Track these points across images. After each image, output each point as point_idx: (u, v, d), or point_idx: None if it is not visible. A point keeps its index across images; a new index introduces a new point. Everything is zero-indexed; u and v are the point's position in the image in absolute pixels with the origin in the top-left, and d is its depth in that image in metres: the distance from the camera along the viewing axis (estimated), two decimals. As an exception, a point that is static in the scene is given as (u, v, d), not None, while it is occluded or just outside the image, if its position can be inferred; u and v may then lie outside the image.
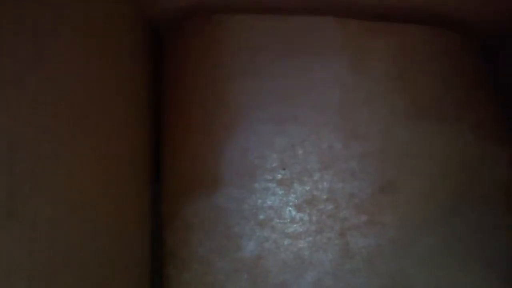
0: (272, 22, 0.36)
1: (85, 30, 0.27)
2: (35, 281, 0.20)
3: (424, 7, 0.38)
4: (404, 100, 0.36)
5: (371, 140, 0.35)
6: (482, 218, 0.35)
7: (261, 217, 0.33)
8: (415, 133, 0.36)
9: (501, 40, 0.43)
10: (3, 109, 0.20)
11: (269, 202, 0.34)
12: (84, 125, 0.26)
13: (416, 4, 0.37)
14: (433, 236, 0.34)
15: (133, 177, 0.33)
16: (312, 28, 0.36)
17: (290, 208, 0.34)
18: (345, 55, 0.36)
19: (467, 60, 0.40)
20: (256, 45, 0.36)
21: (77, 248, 0.24)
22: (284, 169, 0.34)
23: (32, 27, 0.22)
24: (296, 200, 0.34)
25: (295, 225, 0.33)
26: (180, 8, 0.37)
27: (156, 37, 0.39)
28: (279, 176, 0.34)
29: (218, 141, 0.35)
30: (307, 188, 0.34)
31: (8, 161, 0.19)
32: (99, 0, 0.29)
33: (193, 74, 0.36)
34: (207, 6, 0.37)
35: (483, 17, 0.40)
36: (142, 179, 0.34)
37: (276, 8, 0.37)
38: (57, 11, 0.24)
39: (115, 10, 0.32)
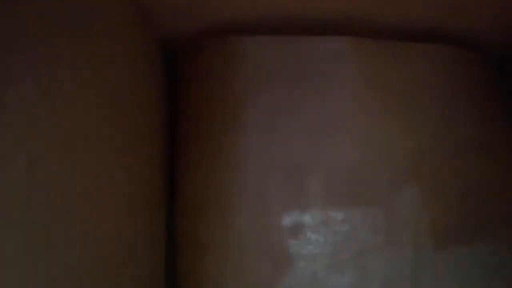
0: (287, 42, 0.37)
1: (102, 49, 0.28)
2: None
3: (438, 25, 0.38)
4: (420, 119, 0.36)
5: (388, 161, 0.35)
6: (502, 241, 0.34)
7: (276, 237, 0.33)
8: (433, 154, 0.35)
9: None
10: (23, 123, 0.20)
11: (283, 223, 0.33)
12: (100, 138, 0.26)
13: (430, 22, 0.38)
14: (452, 258, 0.33)
15: (148, 195, 0.33)
16: (326, 48, 0.37)
17: (305, 229, 0.33)
18: (361, 74, 0.36)
19: (484, 77, 0.40)
20: (269, 65, 0.36)
21: (91, 261, 0.24)
22: (299, 190, 0.34)
23: (51, 48, 0.23)
24: (311, 221, 0.33)
25: (310, 247, 0.33)
26: (195, 29, 0.37)
27: (170, 57, 0.40)
28: (293, 196, 0.34)
29: (233, 161, 0.34)
30: (323, 209, 0.33)
31: (26, 172, 0.19)
32: (114, 22, 0.30)
33: (207, 94, 0.37)
34: (222, 27, 0.37)
35: (498, 33, 0.40)
36: (156, 197, 0.34)
37: (290, 28, 0.37)
38: (76, 29, 0.25)
39: (130, 31, 0.33)
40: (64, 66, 0.24)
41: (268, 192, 0.34)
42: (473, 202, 0.35)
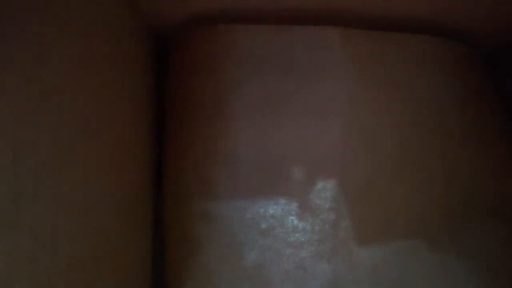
0: (275, 32, 0.37)
1: (89, 38, 0.27)
2: (37, 288, 0.20)
3: (429, 17, 0.38)
4: (409, 110, 0.36)
5: (376, 150, 0.35)
6: (487, 230, 0.35)
7: (264, 226, 0.33)
8: (421, 144, 0.36)
9: (506, 50, 0.43)
10: (8, 115, 0.20)
11: (271, 211, 0.34)
12: (87, 132, 0.26)
13: (420, 14, 0.38)
14: (437, 246, 0.34)
15: (136, 184, 0.33)
16: (316, 38, 0.37)
17: (292, 217, 0.34)
18: (350, 65, 0.36)
19: (472, 70, 0.40)
20: (259, 54, 0.36)
21: (78, 255, 0.24)
22: (286, 178, 0.34)
23: (37, 33, 0.22)
24: (298, 209, 0.34)
25: (297, 234, 0.33)
26: (184, 17, 0.37)
27: (159, 45, 0.39)
28: (282, 185, 0.34)
29: (221, 149, 0.35)
30: (310, 197, 0.34)
31: (12, 167, 0.19)
32: (103, 9, 0.29)
33: (195, 82, 0.36)
34: (211, 15, 0.37)
35: (488, 27, 0.40)
36: (144, 186, 0.34)
37: (279, 18, 0.37)
38: (62, 17, 0.24)
39: (119, 18, 0.32)
40: (50, 55, 0.23)
41: (255, 180, 0.34)
42: (459, 193, 0.35)
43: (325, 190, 0.34)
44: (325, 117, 0.35)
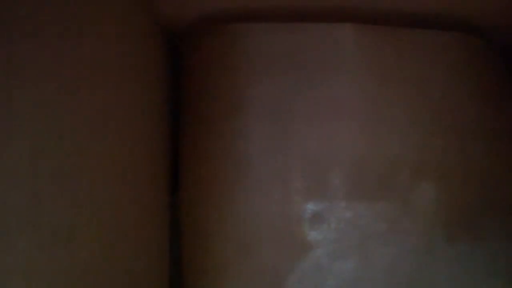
0: (288, 30, 0.36)
1: (106, 39, 0.27)
2: (55, 287, 0.20)
3: (443, 12, 0.37)
4: (424, 107, 0.36)
5: (391, 147, 0.35)
6: (507, 227, 0.35)
7: (279, 224, 0.33)
8: (436, 141, 0.35)
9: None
10: (25, 116, 0.20)
11: (286, 210, 0.33)
12: (105, 132, 0.26)
13: (434, 9, 0.37)
14: (456, 245, 0.33)
15: (153, 185, 0.33)
16: (329, 35, 0.36)
17: (307, 215, 0.33)
18: (363, 61, 0.36)
19: (488, 64, 0.39)
20: (272, 53, 0.36)
21: (96, 255, 0.24)
22: (302, 176, 0.34)
23: (55, 32, 0.22)
24: (314, 207, 0.33)
25: (313, 233, 0.33)
26: (197, 17, 0.37)
27: (173, 45, 0.39)
28: (297, 184, 0.34)
29: (237, 149, 0.35)
30: (324, 195, 0.34)
31: (30, 166, 0.19)
32: (118, 10, 0.30)
33: (210, 82, 0.37)
34: (224, 15, 0.37)
35: (503, 21, 0.39)
36: (161, 187, 0.35)
37: (293, 15, 0.37)
38: (81, 18, 0.25)
39: (134, 19, 0.32)
40: (70, 56, 0.23)
41: (269, 180, 0.34)
42: (478, 189, 0.35)
43: (339, 188, 0.34)
44: (339, 116, 0.35)
